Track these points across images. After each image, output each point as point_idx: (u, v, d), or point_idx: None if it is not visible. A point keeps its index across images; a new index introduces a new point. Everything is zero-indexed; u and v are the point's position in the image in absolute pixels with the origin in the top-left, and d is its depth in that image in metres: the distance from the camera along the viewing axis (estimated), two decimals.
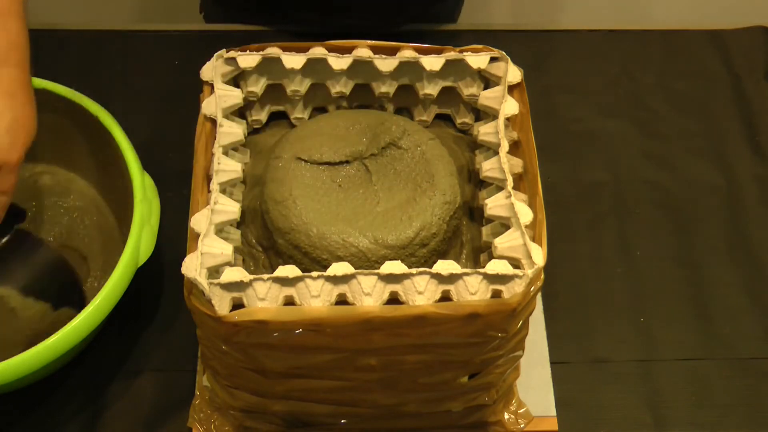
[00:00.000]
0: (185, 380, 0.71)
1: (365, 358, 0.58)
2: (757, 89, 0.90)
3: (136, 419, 0.69)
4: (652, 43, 0.94)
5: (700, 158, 0.86)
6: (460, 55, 0.65)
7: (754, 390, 0.73)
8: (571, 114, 0.88)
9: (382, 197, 0.61)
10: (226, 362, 0.60)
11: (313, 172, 0.62)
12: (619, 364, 0.74)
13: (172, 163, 0.78)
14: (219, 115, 0.62)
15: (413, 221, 0.59)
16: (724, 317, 0.77)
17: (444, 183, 0.61)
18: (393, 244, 0.58)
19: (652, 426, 0.71)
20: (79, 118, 0.71)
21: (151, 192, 0.69)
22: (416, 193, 0.60)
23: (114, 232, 0.75)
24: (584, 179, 0.84)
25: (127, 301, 0.65)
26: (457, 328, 0.56)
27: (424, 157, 0.62)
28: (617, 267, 0.79)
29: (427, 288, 0.55)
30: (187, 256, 0.55)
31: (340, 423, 0.67)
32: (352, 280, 0.55)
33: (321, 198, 0.61)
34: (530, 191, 0.61)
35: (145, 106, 0.86)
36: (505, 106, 0.63)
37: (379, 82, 0.66)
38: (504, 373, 0.64)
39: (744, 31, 0.95)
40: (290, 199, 0.60)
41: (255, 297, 0.54)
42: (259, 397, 0.63)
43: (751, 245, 0.81)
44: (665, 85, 0.91)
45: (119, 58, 0.89)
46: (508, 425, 0.69)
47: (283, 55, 0.64)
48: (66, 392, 0.70)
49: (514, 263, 0.56)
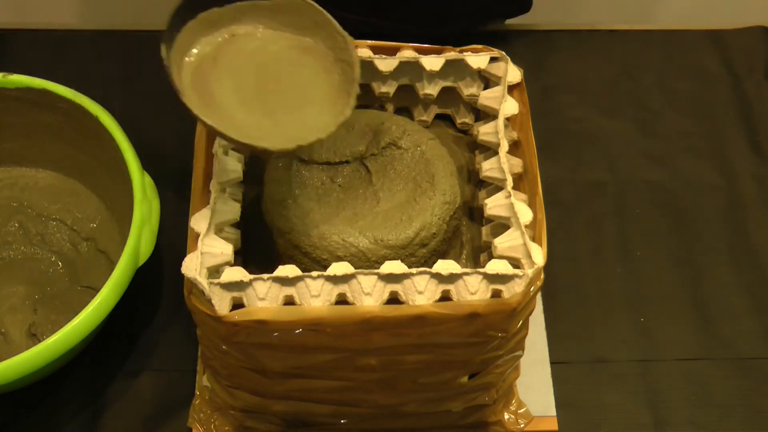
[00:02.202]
0: (185, 380, 0.71)
1: (365, 358, 0.58)
2: (757, 89, 0.90)
3: (136, 419, 0.69)
4: (652, 43, 0.94)
5: (700, 158, 0.86)
6: (460, 55, 0.65)
7: (754, 390, 0.73)
8: (571, 114, 0.88)
9: (382, 197, 0.61)
10: (226, 362, 0.60)
11: (313, 172, 0.62)
12: (619, 364, 0.74)
13: (172, 163, 0.78)
14: None
15: (413, 221, 0.59)
16: (724, 317, 0.77)
17: (444, 183, 0.61)
18: (393, 244, 0.58)
19: (652, 426, 0.71)
20: (79, 118, 0.71)
21: (151, 192, 0.69)
22: (416, 193, 0.60)
23: (114, 232, 0.75)
24: (584, 179, 0.84)
25: (127, 301, 0.65)
26: (457, 328, 0.56)
27: (424, 157, 0.62)
28: (617, 267, 0.79)
29: (427, 288, 0.55)
30: (187, 256, 0.55)
31: (340, 423, 0.67)
32: (352, 280, 0.55)
33: (321, 198, 0.61)
34: (530, 191, 0.61)
35: (145, 106, 0.86)
36: (505, 106, 0.63)
37: (379, 82, 0.66)
38: (504, 373, 0.64)
39: (744, 31, 0.95)
40: (290, 199, 0.60)
41: (255, 297, 0.54)
42: (259, 397, 0.63)
43: (751, 245, 0.81)
44: (665, 85, 0.91)
45: (119, 58, 0.89)
46: (508, 425, 0.69)
47: None
48: (66, 392, 0.70)
49: (514, 263, 0.56)
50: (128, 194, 0.67)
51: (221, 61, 0.56)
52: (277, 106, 0.55)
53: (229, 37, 0.57)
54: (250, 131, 0.53)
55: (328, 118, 0.54)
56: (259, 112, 0.55)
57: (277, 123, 0.54)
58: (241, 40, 0.57)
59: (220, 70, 0.55)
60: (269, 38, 0.57)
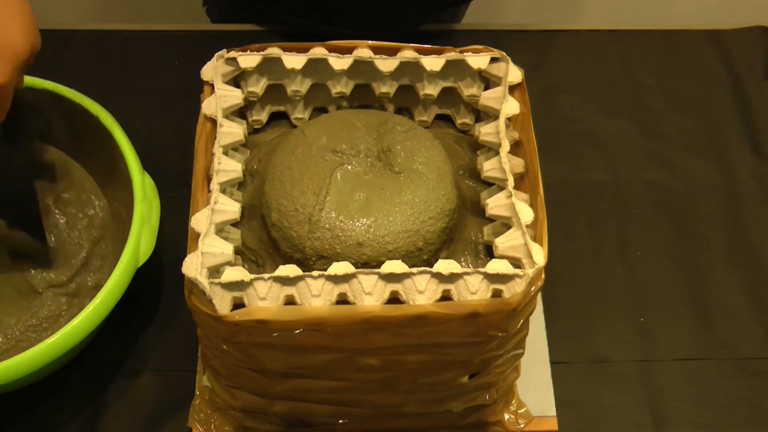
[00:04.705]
0: (185, 380, 0.71)
1: (366, 358, 0.58)
2: (757, 89, 0.91)
3: (136, 419, 0.69)
4: (652, 43, 0.94)
5: (700, 158, 0.86)
6: (461, 56, 0.65)
7: (754, 390, 0.73)
8: (572, 114, 0.88)
9: (383, 197, 0.61)
10: (227, 362, 0.60)
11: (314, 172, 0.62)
12: (619, 364, 0.74)
13: (172, 163, 0.78)
14: (219, 115, 0.62)
15: (413, 221, 0.59)
16: (724, 317, 0.77)
17: (444, 183, 0.61)
18: (393, 243, 0.58)
19: (652, 426, 0.71)
20: (79, 118, 0.71)
21: (151, 192, 0.69)
22: (416, 193, 0.60)
23: (114, 232, 0.75)
24: (584, 179, 0.84)
25: (127, 301, 0.65)
26: (458, 328, 0.56)
27: (424, 157, 0.62)
28: (617, 267, 0.79)
29: (427, 287, 0.55)
30: (188, 256, 0.55)
31: (340, 423, 0.67)
32: (352, 280, 0.55)
33: (318, 193, 0.60)
34: (531, 191, 0.61)
35: (145, 106, 0.86)
36: (506, 106, 0.63)
37: (379, 83, 0.66)
38: (504, 372, 0.64)
39: (744, 31, 0.95)
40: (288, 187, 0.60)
41: (255, 296, 0.54)
42: (260, 397, 0.63)
43: (751, 245, 0.81)
44: (665, 85, 0.91)
45: (119, 58, 0.89)
46: (508, 425, 0.69)
47: (284, 56, 0.64)
48: (66, 392, 0.70)
49: (515, 263, 0.56)
50: (128, 194, 0.67)
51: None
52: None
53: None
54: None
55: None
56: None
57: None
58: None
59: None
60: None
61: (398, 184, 0.61)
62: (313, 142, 0.62)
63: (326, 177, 0.60)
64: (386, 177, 0.61)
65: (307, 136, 0.62)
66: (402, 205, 0.60)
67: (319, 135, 0.62)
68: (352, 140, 0.63)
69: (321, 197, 0.59)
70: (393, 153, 0.62)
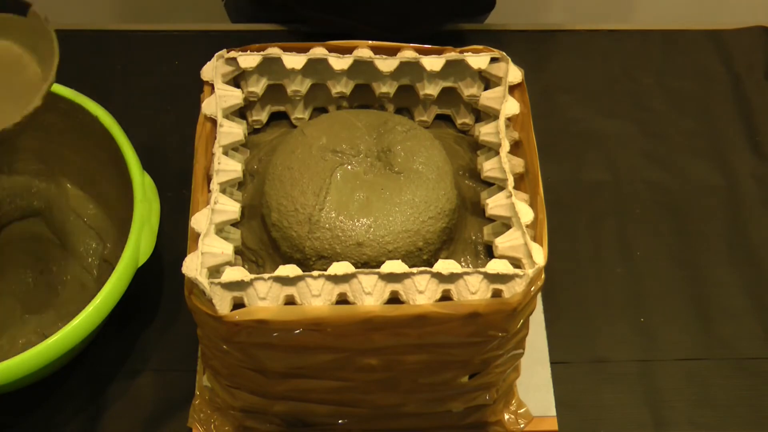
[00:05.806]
0: (185, 380, 0.71)
1: (366, 358, 0.58)
2: (757, 89, 0.91)
3: (136, 419, 0.69)
4: (652, 43, 0.94)
5: (700, 158, 0.86)
6: (461, 56, 0.65)
7: (754, 390, 0.73)
8: (572, 114, 0.88)
9: (382, 197, 0.61)
10: (227, 362, 0.60)
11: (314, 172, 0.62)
12: (619, 364, 0.74)
13: (172, 163, 0.78)
14: (219, 115, 0.62)
15: (413, 221, 0.59)
16: (724, 317, 0.77)
17: (444, 183, 0.61)
18: (393, 243, 0.58)
19: (652, 426, 0.71)
20: (79, 118, 0.71)
21: (151, 192, 0.69)
22: (416, 193, 0.60)
23: (114, 232, 0.75)
24: (584, 179, 0.84)
25: (127, 301, 0.65)
26: (458, 328, 0.56)
27: (424, 157, 0.62)
28: (617, 267, 0.79)
29: (427, 287, 0.55)
30: (188, 256, 0.55)
31: (341, 423, 0.67)
32: (352, 280, 0.55)
33: (318, 193, 0.60)
34: (531, 191, 0.61)
35: (145, 106, 0.86)
36: (506, 107, 0.63)
37: (379, 83, 0.66)
38: (504, 372, 0.64)
39: (744, 31, 0.95)
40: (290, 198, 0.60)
41: (256, 296, 0.54)
42: (260, 397, 0.63)
43: (751, 245, 0.81)
44: (665, 85, 0.91)
45: (119, 58, 0.89)
46: (508, 425, 0.69)
47: (284, 56, 0.64)
48: (66, 392, 0.70)
49: (515, 263, 0.56)
50: (128, 194, 0.67)
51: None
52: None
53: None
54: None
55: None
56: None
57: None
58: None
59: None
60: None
61: (398, 184, 0.61)
62: (313, 142, 0.62)
63: (326, 177, 0.60)
64: (386, 177, 0.61)
65: (307, 136, 0.62)
66: (402, 205, 0.60)
67: (319, 135, 0.62)
68: (352, 140, 0.63)
69: (321, 197, 0.59)
70: (393, 153, 0.62)
